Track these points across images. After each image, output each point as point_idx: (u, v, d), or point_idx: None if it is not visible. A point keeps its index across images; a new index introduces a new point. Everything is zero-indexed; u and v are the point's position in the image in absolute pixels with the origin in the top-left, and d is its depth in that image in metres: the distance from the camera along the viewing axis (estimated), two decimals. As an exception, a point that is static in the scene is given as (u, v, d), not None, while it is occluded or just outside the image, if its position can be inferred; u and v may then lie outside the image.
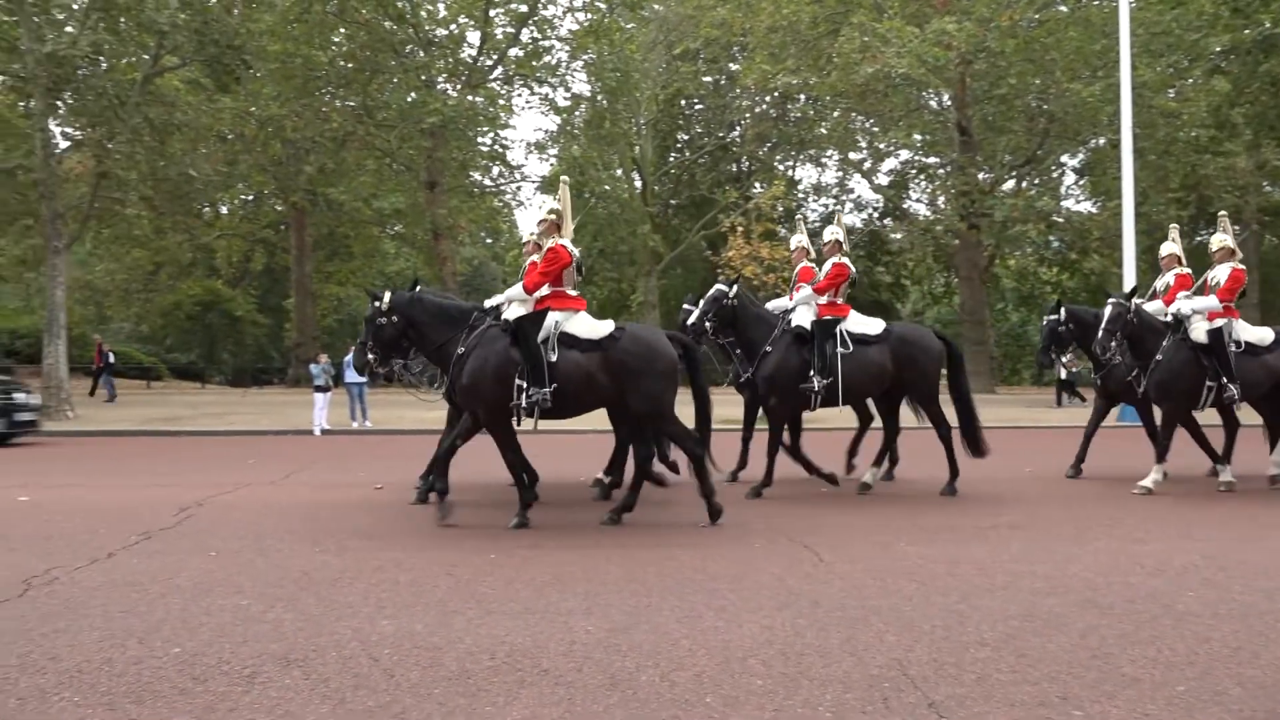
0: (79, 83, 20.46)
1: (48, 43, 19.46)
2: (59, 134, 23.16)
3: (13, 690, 3.55)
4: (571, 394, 7.09)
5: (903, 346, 8.99)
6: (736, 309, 8.97)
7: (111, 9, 20.29)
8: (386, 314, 7.56)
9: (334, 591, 5.04)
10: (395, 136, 25.14)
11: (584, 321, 7.30)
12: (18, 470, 11.00)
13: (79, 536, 6.62)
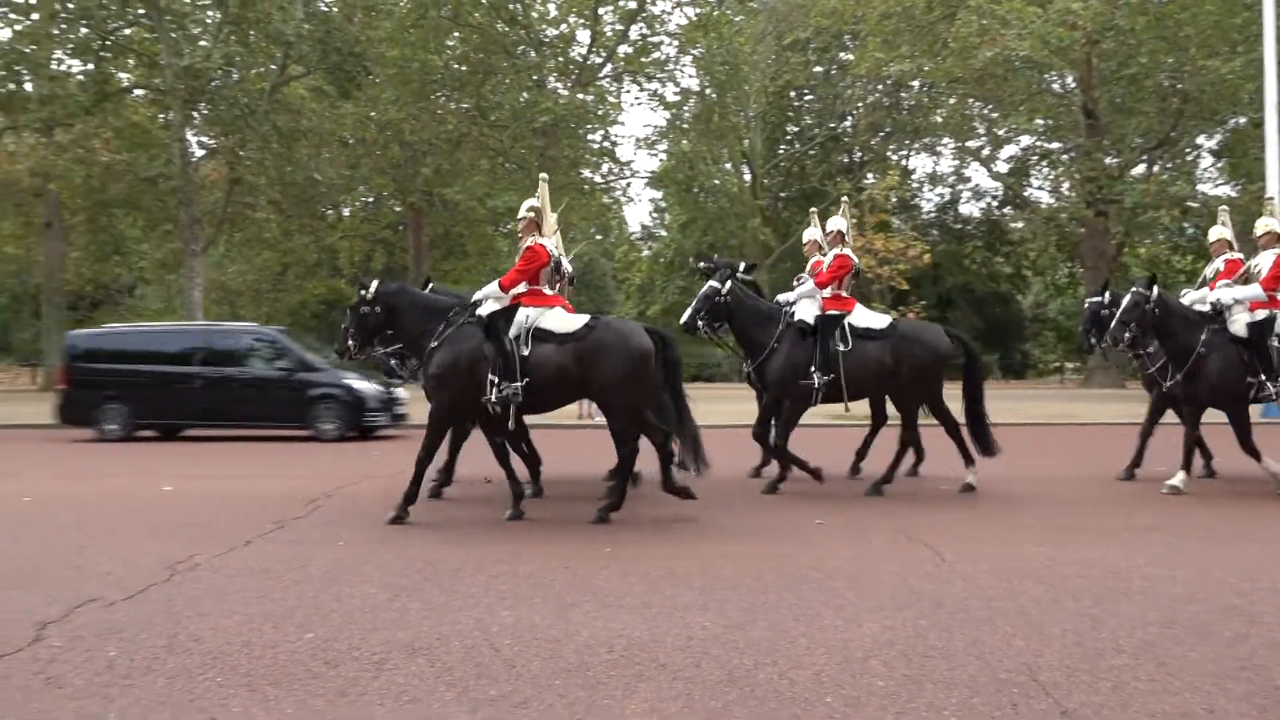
0: (213, 94, 21.56)
1: (184, 57, 20.58)
2: (195, 143, 24.48)
3: (161, 670, 3.76)
4: (544, 388, 7.13)
5: (904, 344, 8.64)
6: (731, 304, 8.79)
7: (242, 23, 21.32)
8: (370, 303, 7.70)
9: (456, 582, 5.17)
10: (508, 136, 25.62)
11: (558, 317, 7.31)
12: (159, 462, 11.64)
13: (218, 525, 6.97)
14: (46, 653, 3.96)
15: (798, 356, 8.58)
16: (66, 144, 21.64)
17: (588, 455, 9.47)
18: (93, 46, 22.92)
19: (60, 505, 8.01)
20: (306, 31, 21.11)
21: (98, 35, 22.78)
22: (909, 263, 19.18)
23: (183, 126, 22.29)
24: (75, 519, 7.32)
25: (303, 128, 22.87)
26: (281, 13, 20.54)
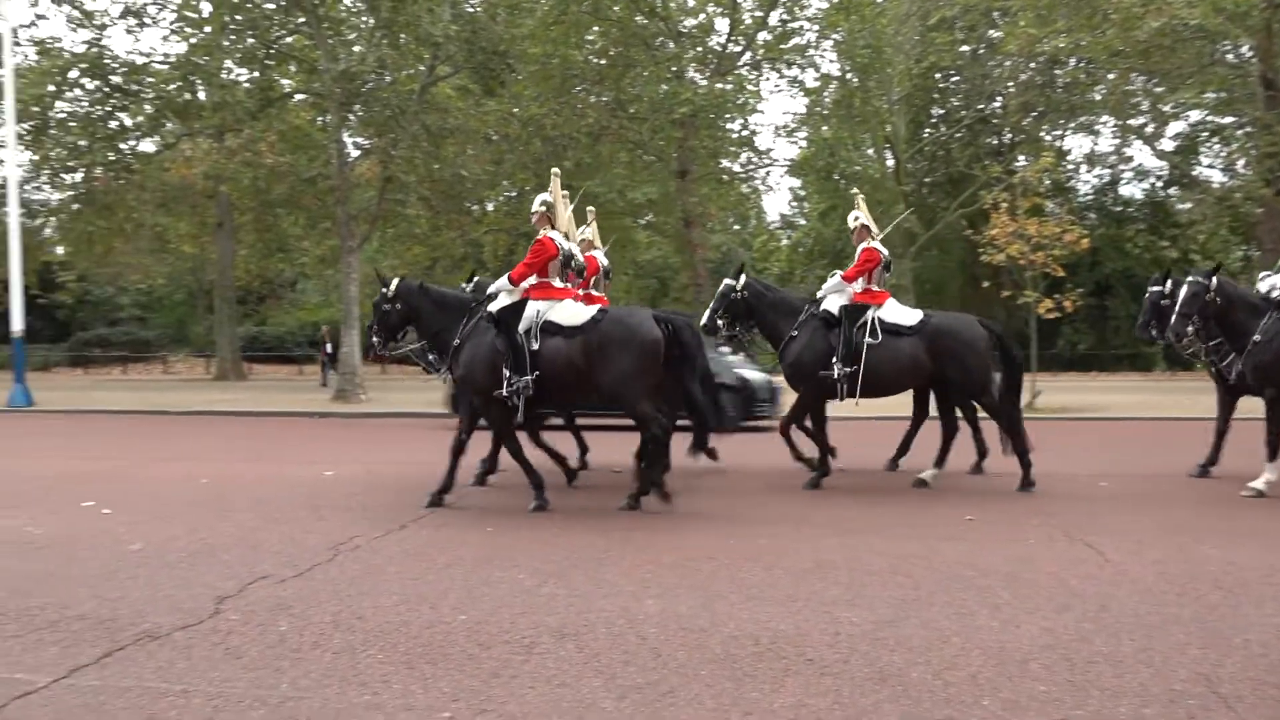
0: (366, 96, 22.49)
1: (341, 62, 21.57)
2: (350, 144, 25.57)
3: (328, 645, 3.96)
4: (554, 381, 7.15)
5: (939, 339, 8.29)
6: (749, 300, 8.79)
7: (393, 26, 22.13)
8: (391, 301, 7.91)
9: (600, 570, 5.24)
10: (647, 128, 25.71)
11: (567, 309, 7.30)
12: (329, 449, 12.25)
13: (376, 509, 7.29)
14: (225, 625, 4.23)
15: (818, 346, 8.45)
16: (236, 148, 23.01)
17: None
18: (258, 55, 24.27)
19: (233, 487, 8.55)
20: (454, 33, 21.75)
21: (263, 45, 24.11)
22: (1065, 248, 18.22)
23: (339, 128, 23.34)
24: (247, 500, 7.79)
25: (450, 126, 23.57)
26: (430, 15, 21.22)
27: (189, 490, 8.36)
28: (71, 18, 24.90)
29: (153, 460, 10.73)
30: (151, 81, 25.27)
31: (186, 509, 7.36)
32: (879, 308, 8.50)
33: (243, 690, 3.44)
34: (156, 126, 26.10)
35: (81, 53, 24.73)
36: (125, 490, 8.37)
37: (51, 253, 36.16)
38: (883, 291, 8.70)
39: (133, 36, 26.92)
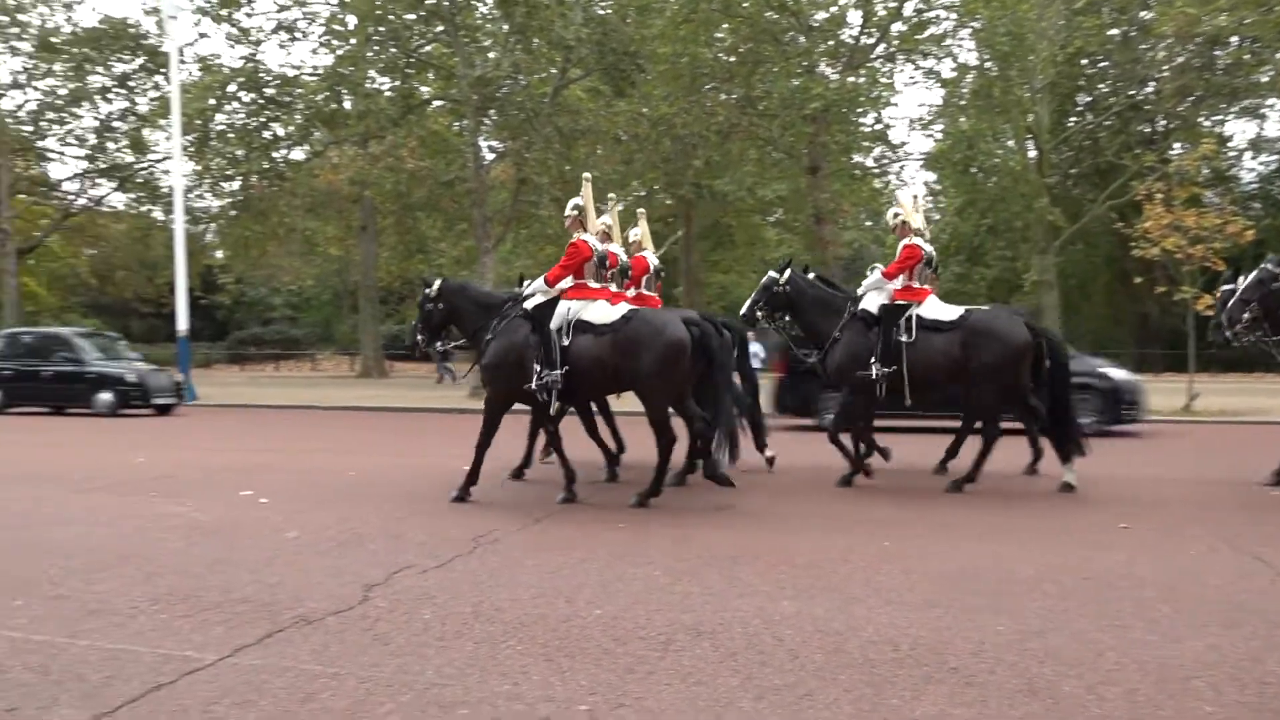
0: (501, 100, 23.11)
1: (477, 68, 22.23)
2: (485, 148, 26.32)
3: (470, 635, 4.07)
4: (583, 376, 7.39)
5: (974, 336, 8.04)
6: (791, 294, 8.84)
7: (527, 31, 22.66)
8: (434, 300, 8.33)
9: (735, 569, 5.22)
10: (777, 125, 25.47)
11: (600, 309, 7.50)
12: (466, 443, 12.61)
13: (513, 503, 7.47)
14: (373, 612, 4.40)
15: (858, 347, 8.38)
16: (379, 154, 24.06)
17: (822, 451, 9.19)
18: (399, 65, 25.28)
19: (378, 480, 8.90)
20: (585, 35, 22.11)
21: (403, 54, 25.07)
22: (1226, 240, 17.11)
23: (475, 133, 24.07)
24: (391, 492, 8.10)
25: (581, 127, 23.98)
26: (563, 19, 21.64)
27: (338, 482, 8.75)
28: (230, 35, 26.45)
29: (304, 453, 11.30)
30: (301, 93, 26.63)
31: (336, 499, 7.71)
32: (919, 305, 8.35)
33: (390, 675, 3.57)
34: (306, 135, 27.47)
35: (239, 68, 26.29)
36: (280, 481, 8.83)
37: (212, 256, 38.56)
38: (924, 289, 8.51)
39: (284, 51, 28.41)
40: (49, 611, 4.43)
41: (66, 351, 18.78)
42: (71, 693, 3.39)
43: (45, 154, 34.31)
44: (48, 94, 31.40)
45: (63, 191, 35.36)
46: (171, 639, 4.00)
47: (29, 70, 31.32)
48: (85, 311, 45.64)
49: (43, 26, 30.50)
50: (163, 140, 32.94)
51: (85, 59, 30.37)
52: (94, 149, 32.73)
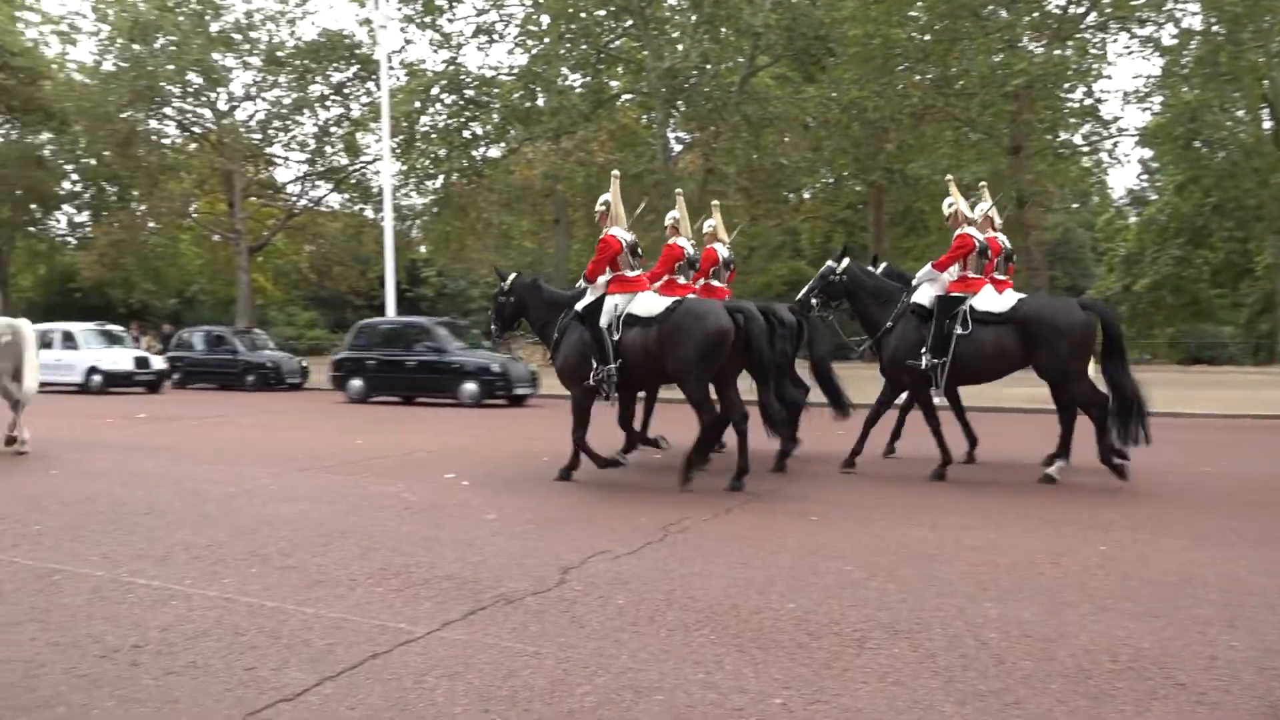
0: (689, 91, 23.23)
1: (665, 59, 22.41)
2: (673, 139, 26.55)
3: (663, 622, 4.11)
4: (635, 368, 7.77)
5: (1029, 325, 7.92)
6: (847, 284, 8.99)
7: (715, 20, 22.66)
8: (506, 295, 8.96)
9: (933, 567, 5.03)
10: (976, 104, 24.32)
11: (645, 301, 7.81)
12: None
13: (703, 492, 7.50)
14: (570, 594, 4.53)
15: (910, 338, 8.46)
16: (570, 149, 24.78)
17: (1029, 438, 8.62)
18: (590, 60, 25.86)
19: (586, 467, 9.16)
20: (773, 21, 21.91)
21: (594, 50, 25.64)
22: None
23: (664, 124, 24.35)
24: (585, 478, 8.31)
25: (769, 115, 23.79)
26: (751, 6, 21.52)
27: (532, 466, 9.06)
28: (433, 40, 27.82)
29: (501, 439, 11.77)
30: (498, 92, 27.71)
31: (530, 484, 7.99)
32: (973, 296, 8.27)
33: (586, 657, 3.66)
34: (502, 133, 28.56)
35: (441, 71, 27.64)
36: (478, 464, 9.24)
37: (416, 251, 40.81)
38: (979, 279, 8.38)
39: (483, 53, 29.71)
40: (280, 580, 4.81)
41: (429, 341, 18.98)
42: (300, 656, 3.67)
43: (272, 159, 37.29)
44: (274, 104, 34.09)
45: (286, 194, 38.34)
46: (386, 611, 4.26)
47: (258, 83, 34.14)
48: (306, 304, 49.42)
49: (270, 42, 33.12)
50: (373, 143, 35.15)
51: (306, 70, 32.75)
52: (313, 153, 35.30)
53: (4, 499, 7.22)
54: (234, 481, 8.12)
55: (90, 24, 33.73)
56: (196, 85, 32.99)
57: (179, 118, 34.62)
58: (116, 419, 14.92)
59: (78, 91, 32.43)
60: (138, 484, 8.03)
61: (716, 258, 9.41)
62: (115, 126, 30.84)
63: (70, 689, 3.35)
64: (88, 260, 34.93)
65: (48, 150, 37.61)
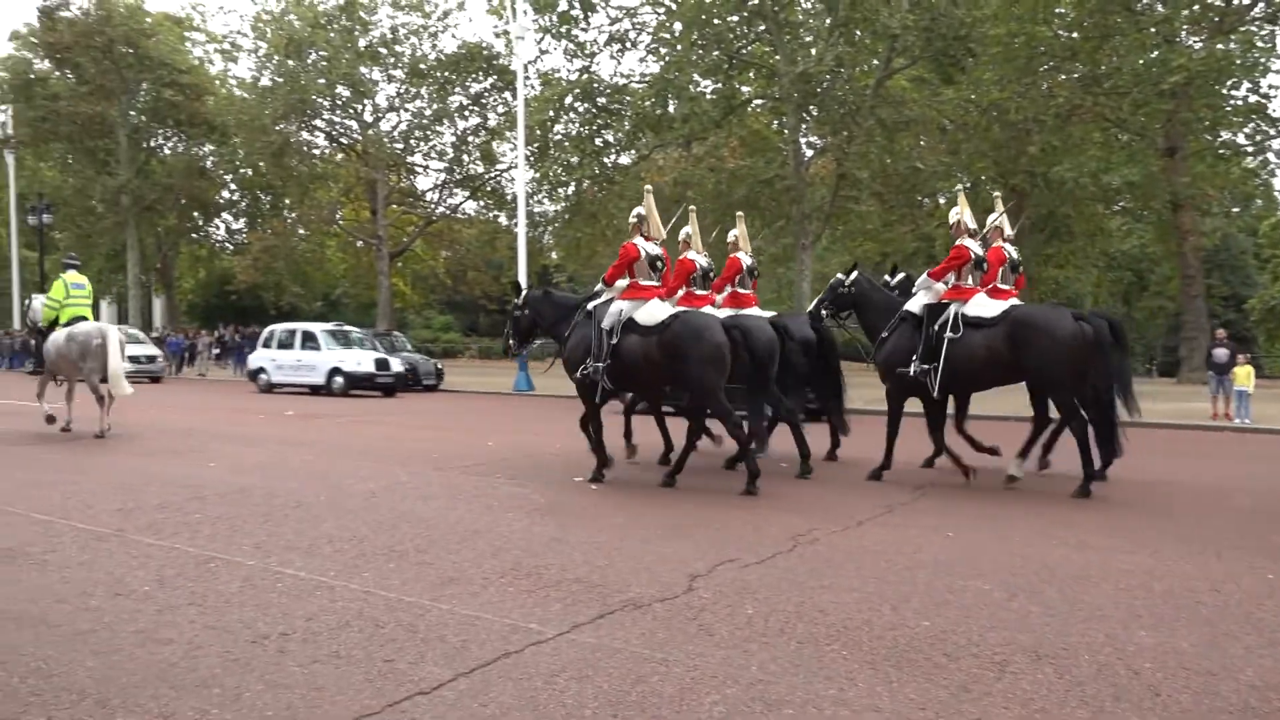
0: (822, 96, 22.91)
1: (798, 64, 22.17)
2: (805, 144, 26.22)
3: (792, 634, 4.04)
4: (630, 371, 8.17)
5: (1017, 330, 7.99)
6: (855, 295, 9.38)
7: (850, 23, 22.29)
8: (521, 309, 9.54)
9: (1079, 589, 4.78)
10: (1127, 103, 23.16)
11: (650, 310, 8.17)
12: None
13: (833, 503, 7.36)
14: (697, 602, 4.50)
15: (903, 345, 8.70)
16: (701, 155, 24.80)
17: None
18: (722, 66, 25.82)
19: (700, 472, 9.14)
20: (911, 23, 21.39)
21: (726, 56, 25.60)
22: None
23: (796, 130, 24.09)
24: (712, 485, 8.28)
25: (905, 118, 23.25)
26: (888, 7, 21.08)
27: (659, 472, 9.07)
28: (568, 50, 28.31)
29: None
30: (630, 100, 27.99)
31: (657, 489, 8.01)
32: (963, 303, 8.38)
33: (715, 667, 3.63)
34: (633, 140, 28.83)
35: (575, 80, 28.12)
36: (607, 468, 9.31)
37: (548, 257, 41.61)
38: (971, 288, 8.50)
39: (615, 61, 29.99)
40: (416, 575, 4.96)
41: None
42: (436, 651, 3.77)
43: (413, 168, 38.77)
44: (415, 115, 35.49)
45: (426, 201, 39.78)
46: (517, 611, 4.33)
47: (401, 95, 35.54)
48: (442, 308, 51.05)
49: (413, 55, 34.45)
50: (508, 151, 36.10)
51: (446, 81, 33.96)
52: (452, 162, 36.55)
53: (167, 490, 7.70)
54: (374, 478, 8.44)
55: (250, 42, 35.84)
56: (344, 98, 34.61)
57: (328, 129, 36.38)
58: (266, 416, 15.74)
59: (237, 106, 34.51)
60: (287, 478, 8.44)
61: (741, 266, 9.81)
62: (270, 138, 32.63)
63: (224, 671, 3.54)
64: (243, 265, 37.04)
65: (209, 161, 40.10)
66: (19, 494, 7.40)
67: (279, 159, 33.88)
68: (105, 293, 45.44)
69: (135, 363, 24.74)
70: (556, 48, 28.65)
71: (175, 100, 36.85)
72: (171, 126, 39.31)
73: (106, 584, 4.75)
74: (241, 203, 42.38)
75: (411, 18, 34.23)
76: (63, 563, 5.20)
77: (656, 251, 8.48)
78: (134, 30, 36.15)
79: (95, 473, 8.62)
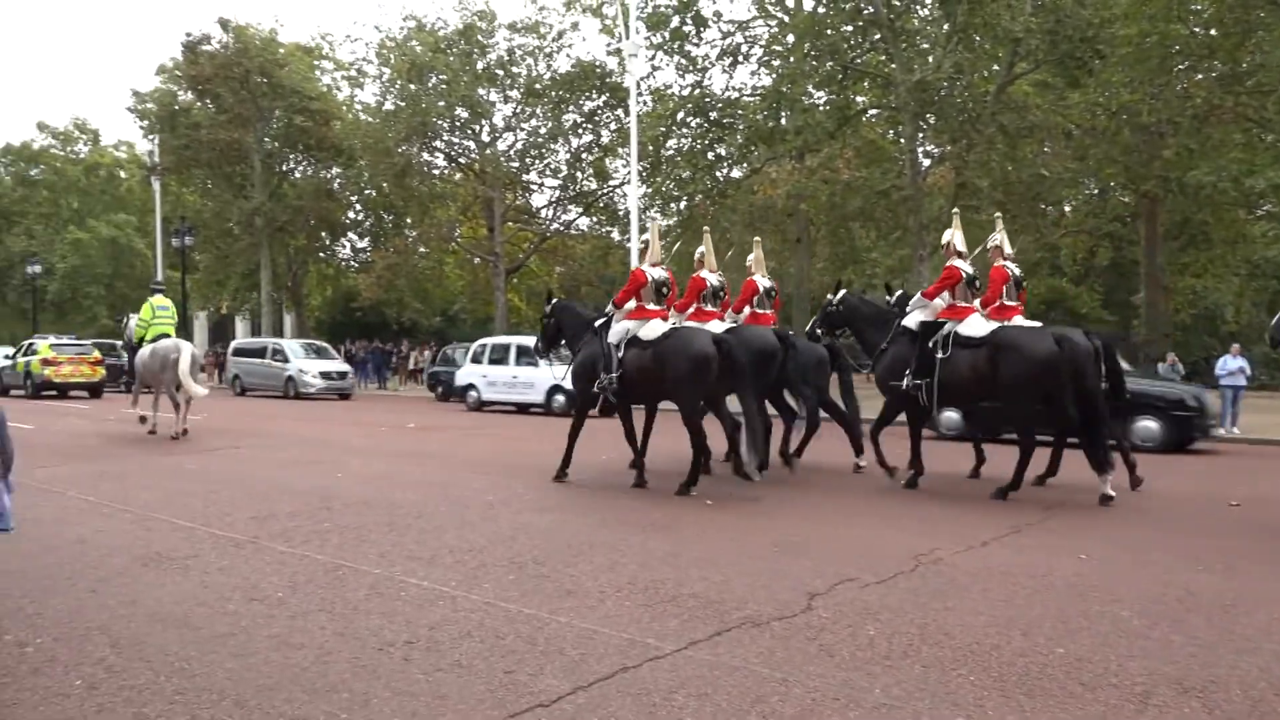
0: (940, 103, 22.33)
1: (915, 72, 21.71)
2: (922, 154, 25.64)
3: (917, 657, 3.92)
4: (633, 383, 8.83)
5: (998, 351, 8.38)
6: (845, 313, 10.16)
7: (969, 29, 21.71)
8: (549, 317, 10.41)
9: (1229, 619, 4.50)
10: (1273, 102, 21.82)
11: (652, 327, 8.81)
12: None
13: (956, 521, 7.13)
14: (817, 621, 4.42)
15: (899, 359, 9.19)
16: (815, 167, 24.45)
17: None
18: (836, 77, 25.44)
19: (810, 489, 9.00)
20: (1034, 26, 20.69)
21: (840, 66, 25.23)
22: None
23: (913, 139, 23.55)
24: (827, 502, 8.14)
25: (1028, 125, 22.45)
26: (1009, 11, 20.44)
27: (780, 487, 8.97)
28: (680, 65, 28.46)
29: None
30: (742, 113, 27.92)
31: (776, 505, 7.91)
32: (958, 322, 8.76)
33: (836, 689, 3.55)
34: (745, 154, 28.71)
35: (687, 95, 28.24)
36: (720, 484, 9.26)
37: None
38: (967, 307, 8.89)
39: (727, 75, 29.94)
40: (535, 588, 5.02)
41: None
42: (555, 664, 3.80)
43: (528, 186, 39.56)
44: (531, 133, 36.21)
45: (540, 218, 40.52)
46: (634, 625, 4.33)
47: (517, 114, 36.35)
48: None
49: (529, 75, 35.20)
50: (620, 167, 36.47)
51: (561, 100, 34.54)
52: (565, 179, 37.15)
53: (299, 500, 8.02)
54: (492, 490, 8.60)
55: (374, 68, 37.28)
56: (463, 119, 35.62)
57: (447, 150, 37.50)
58: (389, 428, 16.24)
59: (363, 129, 35.94)
60: (409, 489, 8.69)
61: (757, 288, 10.54)
62: (393, 160, 33.85)
63: (353, 677, 3.65)
64: (367, 282, 38.38)
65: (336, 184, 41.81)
66: (165, 503, 7.82)
67: (401, 179, 35.05)
68: (240, 310, 47.90)
69: (326, 379, 26.85)
70: (669, 64, 28.76)
71: (305, 126, 38.56)
72: (301, 151, 41.15)
73: (243, 589, 4.97)
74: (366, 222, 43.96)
75: (528, 39, 35.01)
76: (203, 568, 5.47)
77: (663, 278, 9.22)
78: (269, 61, 38.06)
79: (233, 483, 9.05)
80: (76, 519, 7.10)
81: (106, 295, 56.40)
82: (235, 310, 48.72)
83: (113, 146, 62.00)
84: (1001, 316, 8.82)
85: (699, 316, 9.65)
